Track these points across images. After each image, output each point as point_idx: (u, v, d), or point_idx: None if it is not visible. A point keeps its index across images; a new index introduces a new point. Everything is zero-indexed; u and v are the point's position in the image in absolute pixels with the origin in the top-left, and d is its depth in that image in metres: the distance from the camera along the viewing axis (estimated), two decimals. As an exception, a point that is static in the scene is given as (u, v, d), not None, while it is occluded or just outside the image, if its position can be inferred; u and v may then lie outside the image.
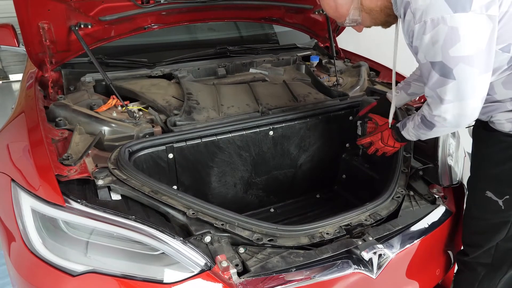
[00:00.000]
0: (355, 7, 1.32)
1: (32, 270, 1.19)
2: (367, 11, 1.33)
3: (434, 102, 1.27)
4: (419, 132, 1.44)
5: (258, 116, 1.91)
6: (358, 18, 1.35)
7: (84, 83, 2.08)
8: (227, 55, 2.51)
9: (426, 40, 1.15)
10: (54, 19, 1.79)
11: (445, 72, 1.17)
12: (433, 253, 1.58)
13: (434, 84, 1.22)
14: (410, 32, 1.20)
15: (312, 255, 1.29)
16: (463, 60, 1.12)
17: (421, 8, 1.13)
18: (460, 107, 1.22)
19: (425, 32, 1.14)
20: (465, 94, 1.18)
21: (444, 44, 1.12)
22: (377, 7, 1.32)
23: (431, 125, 1.34)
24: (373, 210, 1.50)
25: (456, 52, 1.12)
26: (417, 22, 1.15)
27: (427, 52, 1.18)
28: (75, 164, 1.40)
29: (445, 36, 1.11)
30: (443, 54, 1.14)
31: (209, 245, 1.27)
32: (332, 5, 1.34)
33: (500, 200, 1.39)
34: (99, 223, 1.22)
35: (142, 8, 2.00)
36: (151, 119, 1.86)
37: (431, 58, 1.18)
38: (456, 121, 1.27)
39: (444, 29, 1.10)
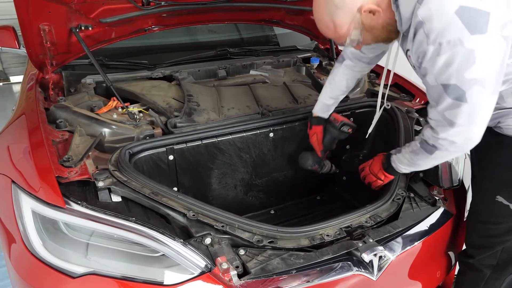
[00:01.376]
0: (355, 27, 1.24)
1: (32, 272, 1.19)
2: (369, 29, 1.26)
3: (441, 125, 1.22)
4: (416, 158, 1.40)
5: (258, 118, 1.91)
6: (359, 38, 1.28)
7: (85, 85, 2.08)
8: (228, 57, 2.51)
9: (440, 62, 1.11)
10: (54, 21, 1.80)
11: (458, 95, 1.13)
12: (434, 255, 1.58)
13: (444, 108, 1.18)
14: (421, 53, 1.15)
15: (313, 257, 1.29)
16: (477, 83, 1.10)
17: (436, 30, 1.08)
18: (470, 131, 1.19)
19: (439, 54, 1.10)
20: (476, 117, 1.16)
21: (459, 67, 1.09)
22: (379, 24, 1.25)
23: (433, 149, 1.30)
24: (373, 212, 1.50)
25: (471, 75, 1.09)
26: (431, 44, 1.10)
27: (439, 75, 1.14)
28: (75, 166, 1.41)
29: (461, 59, 1.08)
30: (457, 77, 1.11)
31: (210, 247, 1.27)
32: (330, 26, 1.26)
33: (511, 204, 1.38)
34: (100, 224, 1.22)
35: (143, 10, 2.00)
36: (152, 121, 1.86)
37: (444, 81, 1.14)
38: (463, 146, 1.24)
39: (461, 51, 1.07)
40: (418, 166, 1.44)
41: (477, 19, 1.05)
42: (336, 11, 1.21)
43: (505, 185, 1.39)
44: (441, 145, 1.27)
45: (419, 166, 1.45)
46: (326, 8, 1.23)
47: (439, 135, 1.25)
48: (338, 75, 1.72)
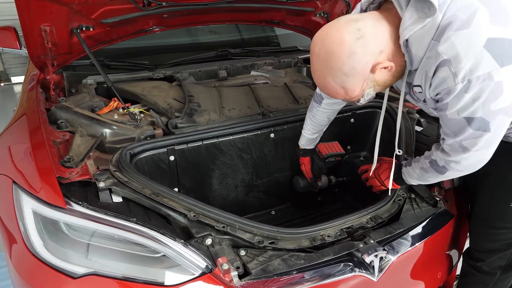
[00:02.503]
0: (369, 86, 1.14)
1: (33, 272, 1.19)
2: (381, 84, 1.18)
3: (455, 151, 1.21)
4: (426, 175, 1.39)
5: (259, 118, 1.91)
6: (373, 94, 1.19)
7: (86, 85, 2.08)
8: (229, 57, 2.52)
9: (467, 98, 1.06)
10: (56, 22, 1.80)
11: (481, 126, 1.10)
12: (435, 256, 1.57)
13: (464, 138, 1.15)
14: (444, 90, 1.09)
15: (313, 258, 1.29)
16: (502, 112, 1.08)
17: (465, 67, 1.02)
18: (484, 154, 1.19)
19: (467, 90, 1.05)
20: (493, 142, 1.16)
21: (486, 100, 1.05)
22: (391, 76, 1.18)
23: (443, 170, 1.29)
24: (374, 212, 1.50)
25: (497, 106, 1.06)
26: (460, 82, 1.04)
27: (463, 109, 1.09)
28: (76, 166, 1.41)
29: (488, 92, 1.04)
30: (483, 110, 1.07)
31: (210, 248, 1.27)
32: (341, 92, 1.15)
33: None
34: (100, 225, 1.22)
35: (144, 10, 2.00)
36: (153, 121, 1.86)
37: (468, 115, 1.10)
38: (475, 167, 1.24)
39: (490, 85, 1.03)
40: (428, 181, 1.44)
41: (506, 49, 1.02)
42: (346, 79, 1.10)
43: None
44: (452, 168, 1.26)
45: (429, 182, 1.44)
46: (334, 77, 1.11)
47: (451, 157, 1.24)
48: (318, 114, 1.69)
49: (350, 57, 1.06)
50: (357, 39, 1.06)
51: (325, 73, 1.12)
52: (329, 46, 1.08)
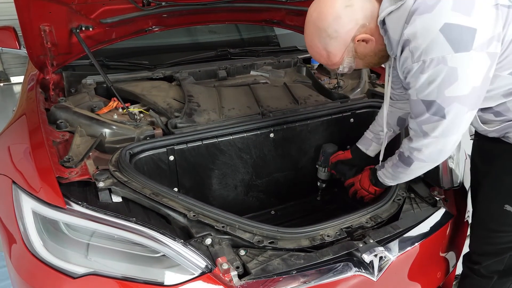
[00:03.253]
0: (349, 55, 1.25)
1: (32, 272, 1.19)
2: (361, 57, 1.28)
3: (417, 136, 1.26)
4: (397, 171, 1.42)
5: (259, 118, 1.91)
6: (352, 65, 1.30)
7: (85, 85, 2.08)
8: (228, 57, 2.52)
9: (423, 79, 1.11)
10: (55, 22, 1.80)
11: (437, 111, 1.14)
12: (434, 256, 1.57)
13: (422, 121, 1.20)
14: (405, 69, 1.16)
15: (313, 258, 1.29)
16: (457, 100, 1.11)
17: (421, 47, 1.08)
18: (443, 143, 1.21)
19: (422, 71, 1.10)
20: (451, 131, 1.18)
21: (440, 84, 1.09)
22: (372, 52, 1.26)
23: (409, 161, 1.33)
24: (374, 212, 1.50)
25: (452, 92, 1.10)
26: (415, 61, 1.11)
27: (420, 91, 1.15)
28: (76, 166, 1.41)
29: (443, 76, 1.08)
30: (438, 94, 1.11)
31: (210, 247, 1.27)
32: (324, 54, 1.26)
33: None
34: (100, 225, 1.22)
35: (143, 10, 2.00)
36: (152, 121, 1.86)
37: (424, 97, 1.15)
38: (435, 156, 1.27)
39: (443, 69, 1.07)
40: (401, 178, 1.46)
41: (462, 36, 1.04)
42: (329, 41, 1.21)
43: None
44: (416, 157, 1.29)
45: (402, 179, 1.47)
46: (319, 37, 1.23)
47: (413, 143, 1.28)
48: (380, 111, 1.72)
49: (335, 20, 1.18)
50: (346, 6, 1.17)
51: (313, 32, 1.24)
52: (320, 7, 1.21)
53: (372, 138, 1.74)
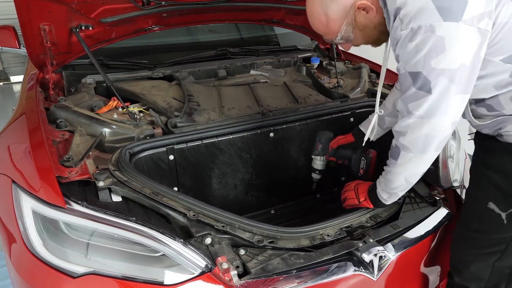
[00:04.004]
0: (348, 23, 1.22)
1: (32, 272, 1.19)
2: (361, 28, 1.24)
3: (402, 116, 1.20)
4: (387, 170, 1.33)
5: (258, 117, 1.91)
6: (351, 35, 1.25)
7: (85, 85, 2.08)
8: (228, 56, 2.51)
9: (410, 48, 1.07)
10: (55, 21, 1.79)
11: (423, 85, 1.09)
12: (434, 255, 1.58)
13: (408, 98, 1.14)
14: (395, 40, 1.12)
15: (313, 257, 1.29)
16: (444, 74, 1.05)
17: (410, 14, 1.05)
18: (428, 126, 1.13)
19: (411, 39, 1.06)
20: (436, 111, 1.10)
21: (427, 54, 1.05)
22: (372, 23, 1.23)
23: (396, 151, 1.25)
24: (373, 212, 1.50)
25: (438, 64, 1.05)
26: (404, 29, 1.07)
27: (408, 61, 1.10)
28: (75, 166, 1.40)
29: (430, 45, 1.04)
30: (424, 65, 1.07)
31: (210, 247, 1.27)
32: (323, 20, 1.24)
33: (503, 213, 1.29)
34: (100, 224, 1.22)
35: (143, 10, 2.00)
36: (152, 121, 1.86)
37: (411, 68, 1.10)
38: (421, 144, 1.17)
39: (431, 38, 1.03)
40: (391, 182, 1.34)
41: (452, 5, 1.01)
42: (330, 4, 1.20)
43: (498, 192, 1.30)
44: (400, 143, 1.22)
45: (392, 182, 1.34)
46: (320, 1, 1.22)
47: (397, 126, 1.22)
48: (390, 94, 1.69)
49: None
50: None
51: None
52: None
53: (374, 125, 1.66)
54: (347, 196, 1.58)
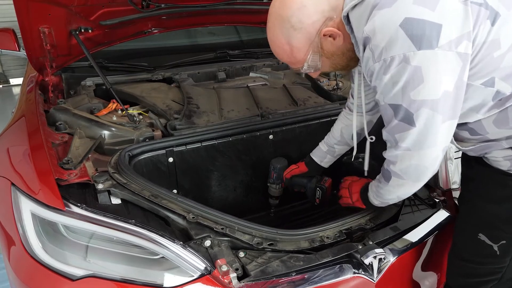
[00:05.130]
0: (314, 51, 1.13)
1: (31, 274, 1.19)
2: (328, 55, 1.16)
3: (390, 146, 1.14)
4: (379, 186, 1.30)
5: (258, 120, 1.92)
6: (318, 63, 1.17)
7: (85, 87, 2.08)
8: (227, 59, 2.52)
9: (386, 80, 1.00)
10: (54, 24, 1.80)
11: (405, 117, 1.02)
12: (434, 257, 1.57)
13: (392, 129, 1.08)
14: (369, 72, 1.05)
15: (312, 259, 1.29)
16: (425, 105, 0.98)
17: (380, 45, 0.97)
18: (418, 157, 1.08)
19: (385, 72, 0.99)
20: (425, 143, 1.04)
21: (405, 86, 0.97)
22: (339, 50, 1.15)
23: (388, 175, 1.21)
24: (373, 214, 1.50)
25: (418, 95, 0.97)
26: (377, 61, 0.99)
27: (385, 94, 1.03)
28: (75, 168, 1.40)
29: (406, 77, 0.96)
30: (403, 97, 0.99)
31: (209, 249, 1.27)
32: (287, 49, 1.13)
33: (495, 245, 1.22)
34: (99, 227, 1.22)
35: (143, 12, 2.01)
36: (151, 123, 1.86)
37: (391, 101, 1.03)
38: (413, 173, 1.13)
39: (406, 69, 0.95)
40: (382, 195, 1.32)
41: (425, 32, 0.92)
42: (293, 33, 1.10)
43: (488, 223, 1.23)
44: (391, 170, 1.17)
45: (383, 196, 1.32)
46: (282, 29, 1.11)
47: (387, 154, 1.17)
48: (336, 121, 1.63)
49: (300, 9, 1.06)
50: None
51: (275, 23, 1.12)
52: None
53: (327, 151, 1.68)
54: (342, 194, 1.57)
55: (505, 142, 1.11)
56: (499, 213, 1.19)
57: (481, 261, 1.29)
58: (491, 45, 0.98)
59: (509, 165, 1.14)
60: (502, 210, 1.18)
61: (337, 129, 1.63)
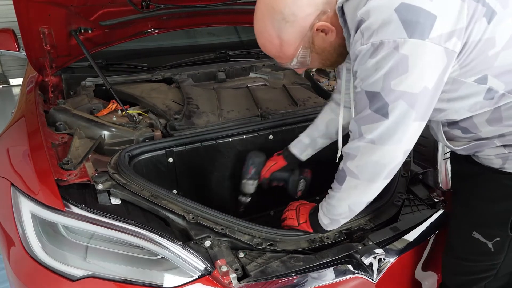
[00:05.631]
0: (305, 46, 1.09)
1: (31, 275, 1.19)
2: (319, 51, 1.12)
3: (353, 138, 1.09)
4: (331, 195, 1.26)
5: (258, 120, 1.92)
6: (308, 59, 1.13)
7: (84, 88, 2.08)
8: (227, 59, 2.52)
9: (370, 64, 0.96)
10: (54, 24, 1.80)
11: (379, 108, 0.98)
12: (434, 257, 1.57)
13: (362, 119, 1.04)
14: (354, 55, 1.00)
15: (312, 260, 1.29)
16: (404, 97, 0.95)
17: (372, 27, 0.93)
18: (380, 153, 1.04)
19: (371, 56, 0.95)
20: (390, 138, 1.01)
21: (388, 73, 0.94)
22: (331, 46, 1.11)
23: (342, 176, 1.16)
24: (373, 214, 1.50)
25: (399, 85, 0.94)
26: (364, 43, 0.95)
27: (365, 79, 0.99)
28: (75, 169, 1.40)
29: (392, 64, 0.92)
30: (383, 85, 0.95)
31: (209, 250, 1.27)
32: (276, 43, 1.09)
33: (489, 242, 1.21)
34: (99, 227, 1.22)
35: (142, 13, 2.01)
36: (151, 124, 1.86)
37: (369, 87, 0.99)
38: (370, 172, 1.09)
39: (393, 56, 0.92)
40: (332, 209, 1.27)
41: (419, 20, 0.89)
42: (284, 26, 1.04)
43: (482, 220, 1.22)
44: (347, 167, 1.13)
45: (333, 210, 1.27)
46: (273, 21, 1.05)
47: (348, 147, 1.11)
48: (321, 114, 1.58)
49: (293, 1, 1.02)
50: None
51: (266, 14, 1.07)
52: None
53: (308, 144, 1.60)
54: (287, 216, 1.48)
55: (497, 140, 1.10)
56: (492, 211, 1.19)
57: (476, 259, 1.28)
58: (486, 43, 0.97)
59: (501, 163, 1.13)
60: (495, 208, 1.18)
61: (322, 122, 1.57)
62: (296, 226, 1.41)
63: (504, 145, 1.11)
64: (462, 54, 0.97)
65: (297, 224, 1.41)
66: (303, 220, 1.40)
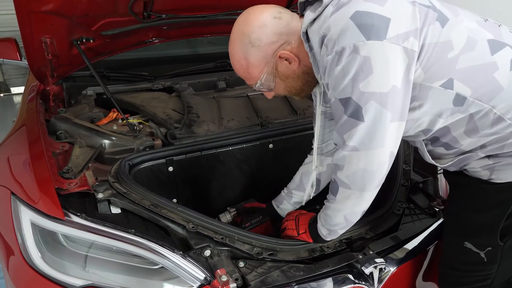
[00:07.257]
0: (269, 71, 1.17)
1: (30, 285, 1.18)
2: (282, 77, 1.20)
3: (338, 148, 1.12)
4: (327, 206, 1.27)
5: (258, 129, 1.92)
6: (272, 84, 1.21)
7: (85, 96, 2.09)
8: (227, 68, 2.53)
9: (337, 72, 1.01)
10: (56, 34, 1.81)
11: (354, 112, 1.02)
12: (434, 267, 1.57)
13: (342, 127, 1.07)
14: (323, 68, 1.07)
15: (313, 269, 1.28)
16: (374, 97, 0.99)
17: (333, 38, 1.00)
18: (365, 159, 1.05)
19: (337, 63, 1.00)
20: (372, 142, 1.03)
21: (354, 77, 0.98)
22: (294, 74, 1.19)
23: (335, 187, 1.18)
24: (373, 223, 1.50)
25: (367, 87, 0.98)
26: (329, 54, 1.01)
27: (336, 87, 1.04)
28: (75, 177, 1.41)
29: (356, 67, 0.98)
30: (353, 89, 1.00)
31: (209, 259, 1.26)
32: (243, 63, 1.18)
33: (481, 252, 1.22)
34: (99, 236, 1.22)
35: (144, 22, 2.02)
36: (152, 132, 1.87)
37: (341, 95, 1.03)
38: (360, 180, 1.10)
39: (356, 59, 0.97)
40: (329, 219, 1.28)
41: (374, 23, 0.97)
42: (251, 49, 1.14)
43: (473, 231, 1.24)
44: (338, 178, 1.15)
45: (330, 220, 1.28)
46: (241, 43, 1.16)
47: (335, 157, 1.13)
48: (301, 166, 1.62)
49: (260, 28, 1.13)
50: (274, 17, 1.13)
51: (236, 37, 1.18)
52: (249, 13, 1.17)
53: (284, 195, 1.64)
54: (287, 226, 1.48)
55: (480, 152, 1.13)
56: (483, 221, 1.21)
57: (469, 269, 1.28)
58: (444, 46, 1.02)
59: (489, 174, 1.15)
60: (485, 219, 1.20)
61: (298, 173, 1.62)
62: (296, 236, 1.41)
63: (488, 156, 1.13)
64: (422, 56, 1.02)
65: (296, 235, 1.42)
66: (303, 230, 1.41)
